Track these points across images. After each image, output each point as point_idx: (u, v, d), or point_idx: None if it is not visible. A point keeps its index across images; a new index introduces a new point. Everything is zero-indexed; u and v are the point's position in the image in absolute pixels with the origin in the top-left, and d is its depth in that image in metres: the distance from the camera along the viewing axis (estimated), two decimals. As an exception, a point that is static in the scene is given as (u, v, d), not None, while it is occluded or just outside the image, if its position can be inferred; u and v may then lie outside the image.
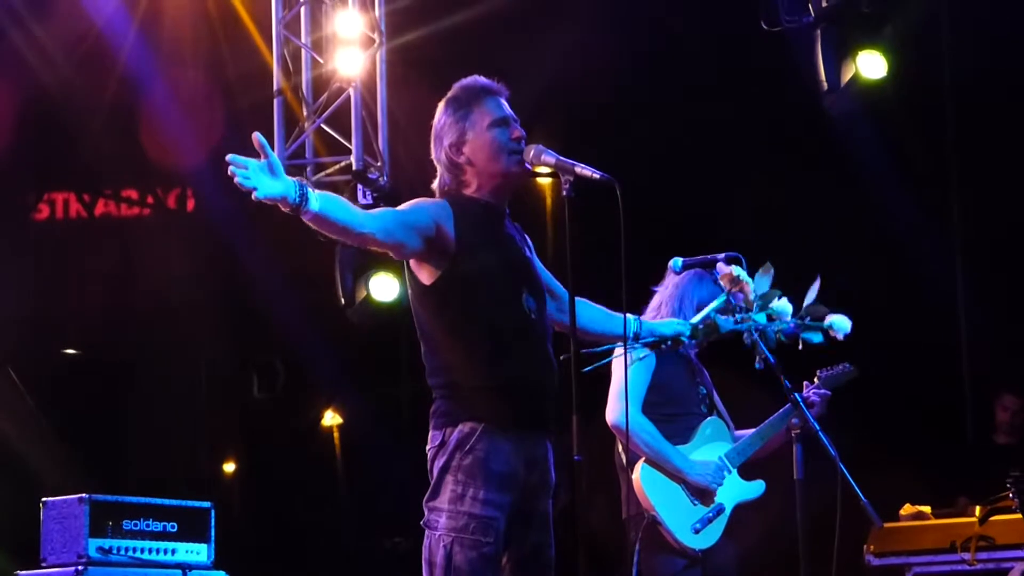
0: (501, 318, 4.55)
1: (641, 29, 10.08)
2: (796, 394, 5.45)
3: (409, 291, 4.68)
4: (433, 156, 4.76)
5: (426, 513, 4.54)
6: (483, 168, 4.66)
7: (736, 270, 5.20)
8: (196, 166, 11.65)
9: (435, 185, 4.76)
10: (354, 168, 9.46)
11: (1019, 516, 6.96)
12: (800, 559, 5.23)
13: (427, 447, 4.57)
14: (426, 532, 4.53)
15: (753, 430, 6.32)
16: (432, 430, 4.56)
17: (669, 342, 5.15)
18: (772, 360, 5.33)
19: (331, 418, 14.59)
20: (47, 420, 12.42)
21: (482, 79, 4.78)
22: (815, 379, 6.40)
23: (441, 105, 4.76)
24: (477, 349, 4.51)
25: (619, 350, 5.30)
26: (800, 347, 5.39)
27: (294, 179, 4.32)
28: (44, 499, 7.35)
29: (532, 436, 4.58)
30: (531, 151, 4.66)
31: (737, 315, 5.11)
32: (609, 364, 5.25)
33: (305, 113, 9.59)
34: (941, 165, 10.66)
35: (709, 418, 6.31)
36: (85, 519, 7.15)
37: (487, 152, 4.66)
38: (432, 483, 4.53)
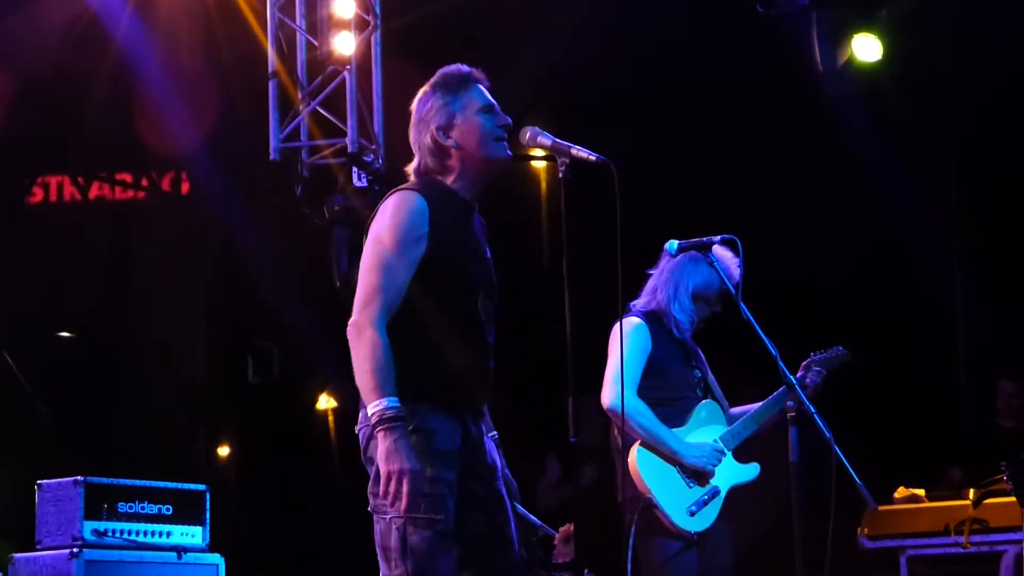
0: (454, 317, 4.58)
1: (637, 13, 10.07)
2: (791, 376, 5.46)
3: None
4: (413, 140, 4.74)
5: (372, 499, 4.50)
6: (469, 153, 4.65)
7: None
8: (191, 149, 11.63)
9: (411, 168, 4.74)
10: (349, 151, 9.46)
11: (1013, 499, 6.96)
12: (795, 541, 5.24)
13: (358, 427, 4.53)
14: (375, 518, 4.50)
15: (748, 411, 6.33)
16: (364, 409, 4.50)
17: None
18: (768, 343, 5.34)
19: (326, 402, 14.58)
20: (42, 403, 12.43)
21: (465, 66, 4.78)
22: (809, 362, 6.40)
23: (426, 90, 4.75)
24: (425, 339, 4.53)
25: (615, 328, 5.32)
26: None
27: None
28: (39, 482, 7.35)
29: (466, 418, 4.59)
30: (527, 133, 4.68)
31: None
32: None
33: (300, 96, 9.58)
34: (937, 147, 10.66)
35: (704, 401, 6.32)
36: (80, 502, 7.15)
37: (475, 137, 4.65)
38: (375, 468, 4.46)
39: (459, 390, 4.57)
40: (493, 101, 4.72)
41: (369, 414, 4.41)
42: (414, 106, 4.76)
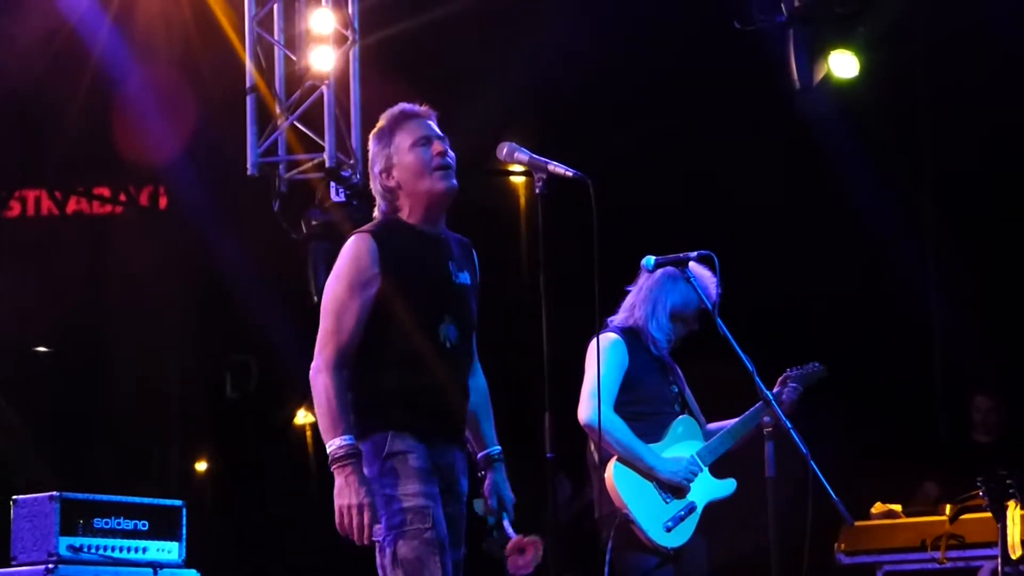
0: (412, 348, 4.70)
1: (615, 27, 10.09)
2: (768, 392, 5.46)
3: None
4: (372, 189, 4.90)
5: None
6: (411, 189, 4.79)
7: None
8: (169, 163, 11.61)
9: (375, 212, 4.89)
10: (327, 165, 9.45)
11: (989, 515, 6.99)
12: (771, 557, 5.25)
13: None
14: (376, 544, 4.65)
15: (724, 426, 6.34)
16: None
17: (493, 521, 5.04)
18: (746, 359, 5.34)
19: (304, 416, 14.56)
20: (18, 418, 12.38)
21: (406, 105, 4.90)
22: (785, 378, 6.42)
23: (370, 138, 4.90)
24: (385, 371, 4.69)
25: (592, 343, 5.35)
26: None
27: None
28: (14, 497, 7.31)
29: (437, 444, 4.73)
30: (504, 148, 4.73)
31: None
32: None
33: (278, 110, 9.56)
34: (914, 164, 10.69)
35: (681, 416, 6.33)
36: (56, 517, 7.11)
37: (412, 171, 4.78)
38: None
39: (423, 417, 4.70)
40: (432, 132, 4.83)
41: (328, 452, 4.59)
42: None
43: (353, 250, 4.73)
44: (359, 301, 4.68)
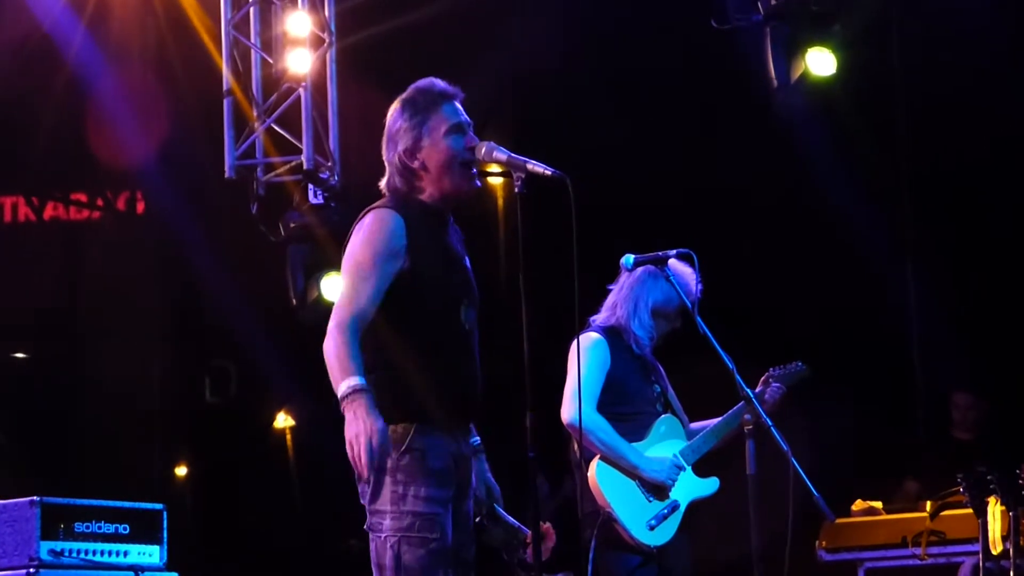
0: (439, 330, 4.60)
1: (592, 28, 10.10)
2: (748, 389, 5.47)
3: None
4: (385, 157, 4.75)
5: (369, 517, 4.54)
6: (436, 176, 4.67)
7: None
8: (145, 168, 11.59)
9: (383, 183, 4.76)
10: (305, 168, 9.44)
11: (970, 511, 7.01)
12: (753, 554, 5.25)
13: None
14: (371, 535, 4.54)
15: (707, 426, 6.34)
16: None
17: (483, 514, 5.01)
18: (726, 357, 5.35)
19: (283, 420, 14.56)
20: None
21: (439, 82, 4.77)
22: (767, 377, 6.43)
23: (396, 106, 4.75)
24: (412, 355, 4.54)
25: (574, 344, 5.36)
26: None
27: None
28: (-6, 502, 7.30)
29: (458, 436, 4.64)
30: (483, 148, 4.68)
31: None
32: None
33: (255, 113, 9.56)
34: (891, 162, 10.72)
35: (663, 416, 6.33)
36: (36, 522, 7.09)
37: (441, 161, 4.66)
38: (371, 485, 4.51)
39: (448, 407, 4.58)
40: (464, 119, 4.72)
41: (338, 397, 4.39)
42: (387, 119, 4.76)
43: (380, 222, 4.57)
44: (381, 272, 4.51)
